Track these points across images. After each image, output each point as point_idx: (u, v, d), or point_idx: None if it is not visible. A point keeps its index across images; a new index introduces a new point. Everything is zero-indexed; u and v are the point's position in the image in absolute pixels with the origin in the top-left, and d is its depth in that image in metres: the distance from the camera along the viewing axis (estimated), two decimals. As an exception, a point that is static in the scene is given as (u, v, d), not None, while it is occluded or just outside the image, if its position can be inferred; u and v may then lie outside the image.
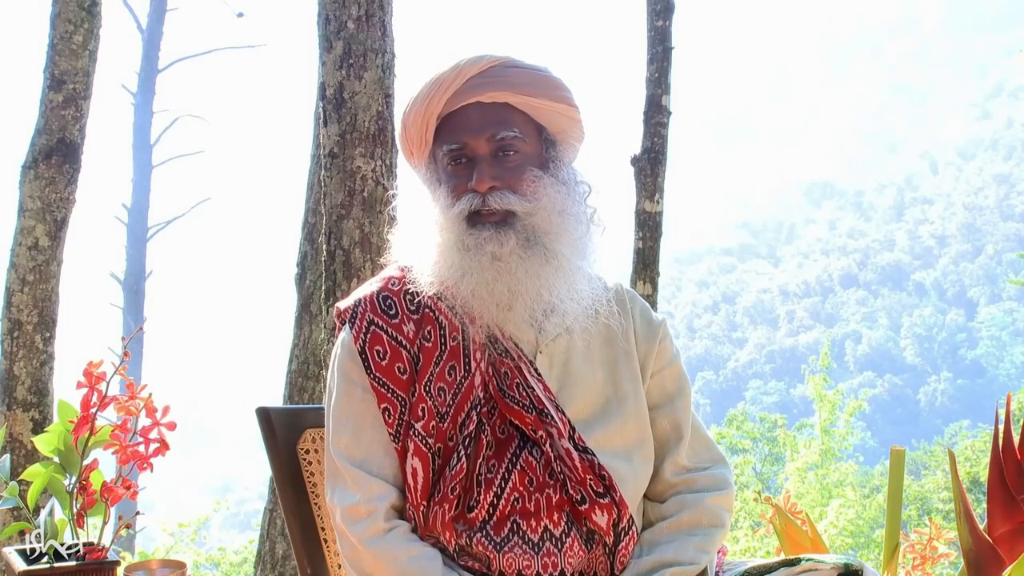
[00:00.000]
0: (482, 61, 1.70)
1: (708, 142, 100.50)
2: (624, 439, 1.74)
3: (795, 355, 59.92)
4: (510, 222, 1.66)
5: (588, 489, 1.65)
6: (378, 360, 1.69)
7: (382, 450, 1.68)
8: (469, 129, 1.68)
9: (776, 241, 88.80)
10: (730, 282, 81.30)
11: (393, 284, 1.75)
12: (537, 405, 1.68)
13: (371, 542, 1.63)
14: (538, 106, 1.71)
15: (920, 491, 13.17)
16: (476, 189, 1.66)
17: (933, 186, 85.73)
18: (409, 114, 1.73)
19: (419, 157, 1.76)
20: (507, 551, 1.64)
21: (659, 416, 1.79)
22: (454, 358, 1.70)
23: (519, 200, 1.67)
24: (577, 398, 1.73)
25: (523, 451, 1.68)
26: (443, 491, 1.65)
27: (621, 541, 1.68)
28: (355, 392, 1.70)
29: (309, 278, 5.38)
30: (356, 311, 1.73)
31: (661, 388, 1.81)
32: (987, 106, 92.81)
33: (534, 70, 1.73)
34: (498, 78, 1.69)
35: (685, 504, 1.74)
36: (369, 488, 1.65)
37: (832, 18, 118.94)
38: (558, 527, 1.65)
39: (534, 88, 1.71)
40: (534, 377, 1.70)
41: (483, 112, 1.69)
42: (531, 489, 1.66)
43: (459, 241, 1.66)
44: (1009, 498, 2.45)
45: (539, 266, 1.67)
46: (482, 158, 1.68)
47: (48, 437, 2.05)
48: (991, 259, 71.47)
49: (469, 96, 1.69)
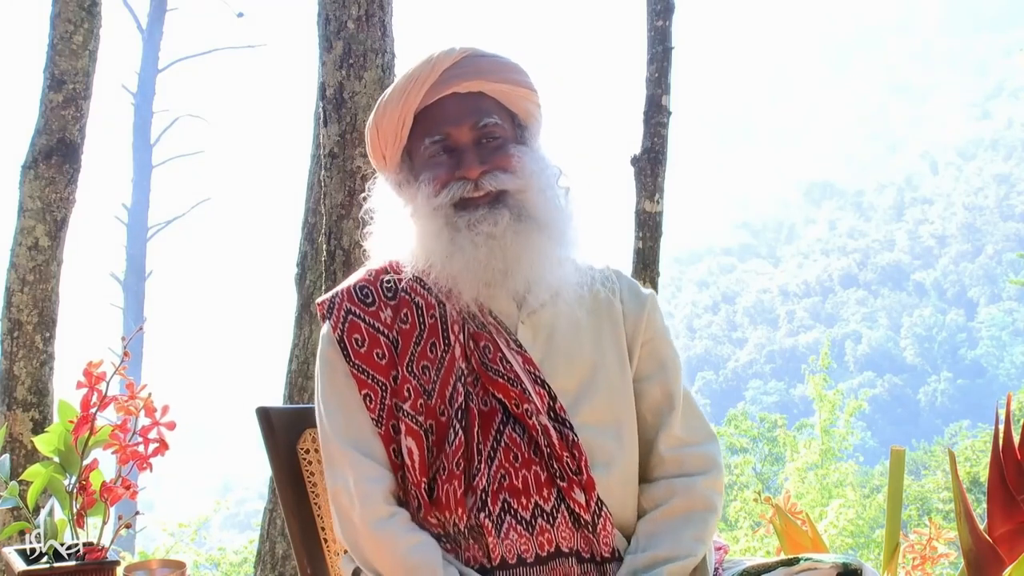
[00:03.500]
0: (454, 53, 1.74)
1: (708, 142, 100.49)
2: (613, 411, 1.74)
3: (795, 355, 59.89)
4: (503, 200, 1.71)
5: (564, 465, 1.67)
6: (357, 348, 1.72)
7: (371, 433, 1.71)
8: (450, 120, 1.72)
9: (776, 241, 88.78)
10: (730, 282, 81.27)
11: (370, 274, 1.79)
12: (517, 379, 1.69)
13: (374, 525, 1.64)
14: (508, 92, 1.76)
15: (920, 491, 13.17)
16: (467, 176, 1.70)
17: (933, 186, 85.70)
18: (382, 115, 1.76)
19: (391, 159, 1.79)
20: (503, 536, 1.64)
21: (650, 385, 1.79)
22: (433, 335, 1.73)
23: (511, 178, 1.72)
24: (562, 369, 1.74)
25: (506, 427, 1.70)
26: (448, 467, 1.66)
27: (597, 523, 1.68)
28: (339, 379, 1.73)
29: (309, 278, 5.38)
30: (334, 303, 1.77)
31: (651, 357, 1.81)
32: (987, 106, 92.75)
33: (500, 58, 1.78)
34: (471, 68, 1.74)
35: (676, 490, 1.74)
36: (364, 469, 1.67)
37: (832, 18, 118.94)
38: (548, 503, 1.67)
39: (503, 75, 1.76)
40: (513, 351, 1.72)
41: (461, 102, 1.73)
42: (517, 466, 1.67)
43: (448, 224, 1.69)
44: (1009, 498, 2.45)
45: (533, 238, 1.71)
46: (466, 146, 1.72)
47: (48, 437, 2.05)
48: (991, 259, 71.43)
49: (445, 88, 1.73)
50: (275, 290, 21.91)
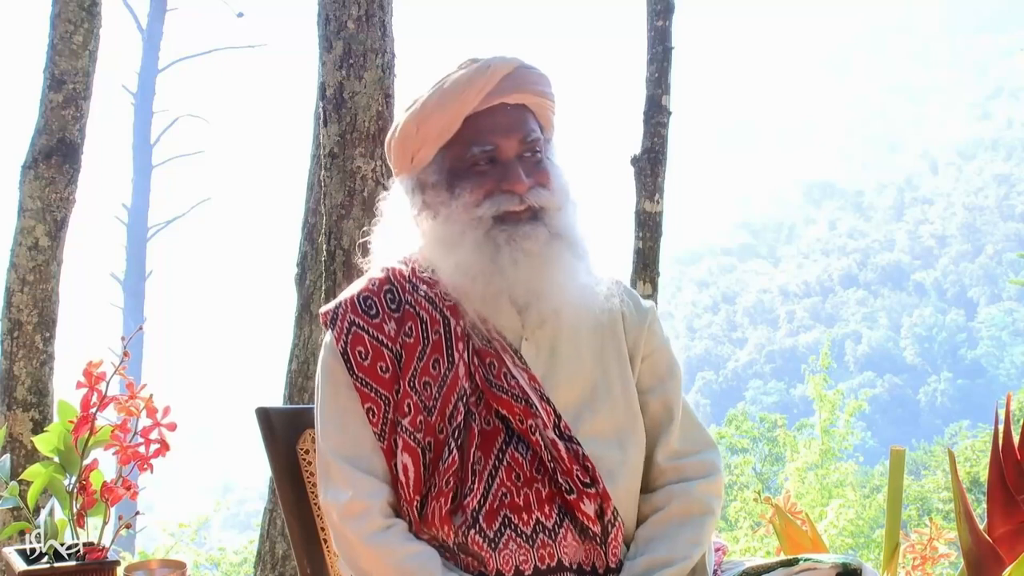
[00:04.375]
0: (508, 62, 1.73)
1: (708, 142, 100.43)
2: (615, 425, 1.74)
3: (795, 355, 59.84)
4: (540, 217, 1.69)
5: (575, 479, 1.66)
6: (360, 360, 1.70)
7: (371, 447, 1.69)
8: (500, 131, 1.70)
9: (776, 241, 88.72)
10: (730, 282, 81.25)
11: (373, 284, 1.76)
12: (523, 395, 1.69)
13: (369, 539, 1.63)
14: (541, 105, 1.76)
15: (920, 491, 13.16)
16: (514, 190, 1.67)
17: (933, 186, 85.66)
18: (429, 114, 1.71)
19: (421, 160, 1.75)
20: (502, 547, 1.64)
21: (651, 399, 1.80)
22: (437, 352, 1.71)
23: (549, 195, 1.71)
24: (564, 384, 1.73)
25: (508, 447, 1.69)
26: (438, 485, 1.65)
27: (609, 533, 1.68)
28: (340, 392, 1.71)
29: (309, 278, 5.38)
30: (337, 313, 1.75)
31: (652, 370, 1.82)
32: (987, 106, 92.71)
33: (539, 71, 1.78)
34: (521, 79, 1.73)
35: (674, 495, 1.74)
36: (361, 485, 1.66)
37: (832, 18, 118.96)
38: (550, 519, 1.66)
39: (542, 88, 1.76)
40: (518, 367, 1.71)
41: (511, 114, 1.72)
42: (519, 484, 1.67)
43: (488, 237, 1.67)
44: (1009, 498, 2.46)
45: (565, 256, 1.70)
46: (513, 160, 1.70)
47: (48, 437, 2.05)
48: (991, 259, 71.41)
49: (497, 97, 1.71)
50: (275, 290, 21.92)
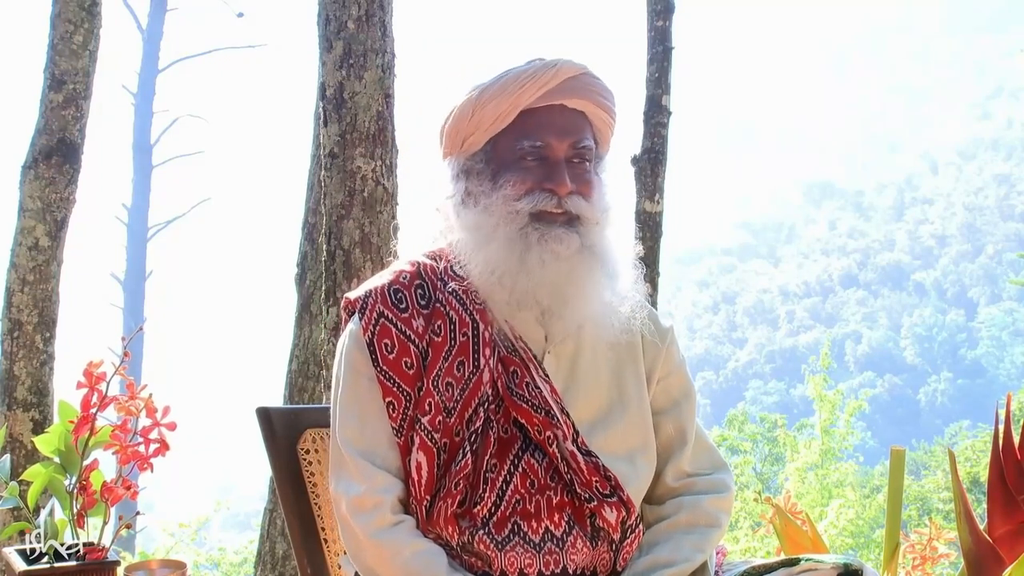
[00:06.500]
0: (575, 65, 1.73)
1: (708, 142, 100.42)
2: (627, 442, 1.75)
3: (795, 355, 59.84)
4: (575, 225, 1.68)
5: (595, 490, 1.67)
6: (386, 353, 1.68)
7: (387, 442, 1.68)
8: (554, 130, 1.70)
9: (776, 241, 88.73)
10: (730, 282, 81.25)
11: (404, 277, 1.75)
12: (544, 406, 1.68)
13: (376, 534, 1.63)
14: (602, 118, 1.76)
15: (920, 491, 13.14)
16: (556, 191, 1.67)
17: (933, 186, 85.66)
18: (487, 100, 1.71)
19: (471, 145, 1.74)
20: (509, 550, 1.64)
21: (664, 421, 1.81)
22: (463, 354, 1.70)
23: (588, 206, 1.70)
24: (581, 400, 1.74)
25: (525, 453, 1.69)
26: (447, 486, 1.65)
27: (627, 538, 1.69)
28: (361, 383, 1.69)
29: (309, 278, 5.38)
30: (366, 302, 1.72)
31: (667, 393, 1.82)
32: (987, 106, 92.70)
33: (605, 83, 1.77)
34: (584, 85, 1.73)
35: (683, 506, 1.76)
36: (374, 479, 1.65)
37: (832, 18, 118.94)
38: (559, 528, 1.66)
39: (606, 100, 1.75)
40: (542, 378, 1.71)
41: (567, 116, 1.72)
42: (532, 491, 1.67)
43: (521, 234, 1.67)
44: (1009, 498, 2.45)
45: (595, 271, 1.69)
46: (561, 161, 1.70)
47: (48, 437, 2.05)
48: (991, 259, 71.40)
49: (558, 97, 1.71)
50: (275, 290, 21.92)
